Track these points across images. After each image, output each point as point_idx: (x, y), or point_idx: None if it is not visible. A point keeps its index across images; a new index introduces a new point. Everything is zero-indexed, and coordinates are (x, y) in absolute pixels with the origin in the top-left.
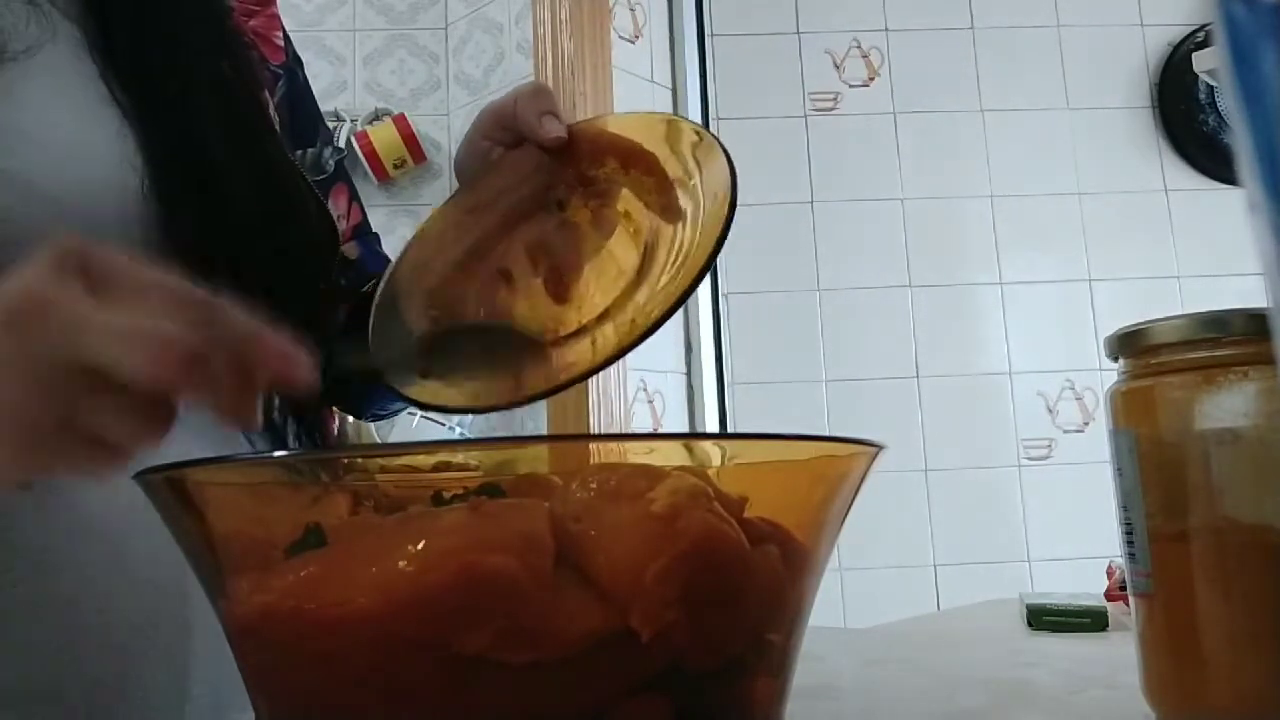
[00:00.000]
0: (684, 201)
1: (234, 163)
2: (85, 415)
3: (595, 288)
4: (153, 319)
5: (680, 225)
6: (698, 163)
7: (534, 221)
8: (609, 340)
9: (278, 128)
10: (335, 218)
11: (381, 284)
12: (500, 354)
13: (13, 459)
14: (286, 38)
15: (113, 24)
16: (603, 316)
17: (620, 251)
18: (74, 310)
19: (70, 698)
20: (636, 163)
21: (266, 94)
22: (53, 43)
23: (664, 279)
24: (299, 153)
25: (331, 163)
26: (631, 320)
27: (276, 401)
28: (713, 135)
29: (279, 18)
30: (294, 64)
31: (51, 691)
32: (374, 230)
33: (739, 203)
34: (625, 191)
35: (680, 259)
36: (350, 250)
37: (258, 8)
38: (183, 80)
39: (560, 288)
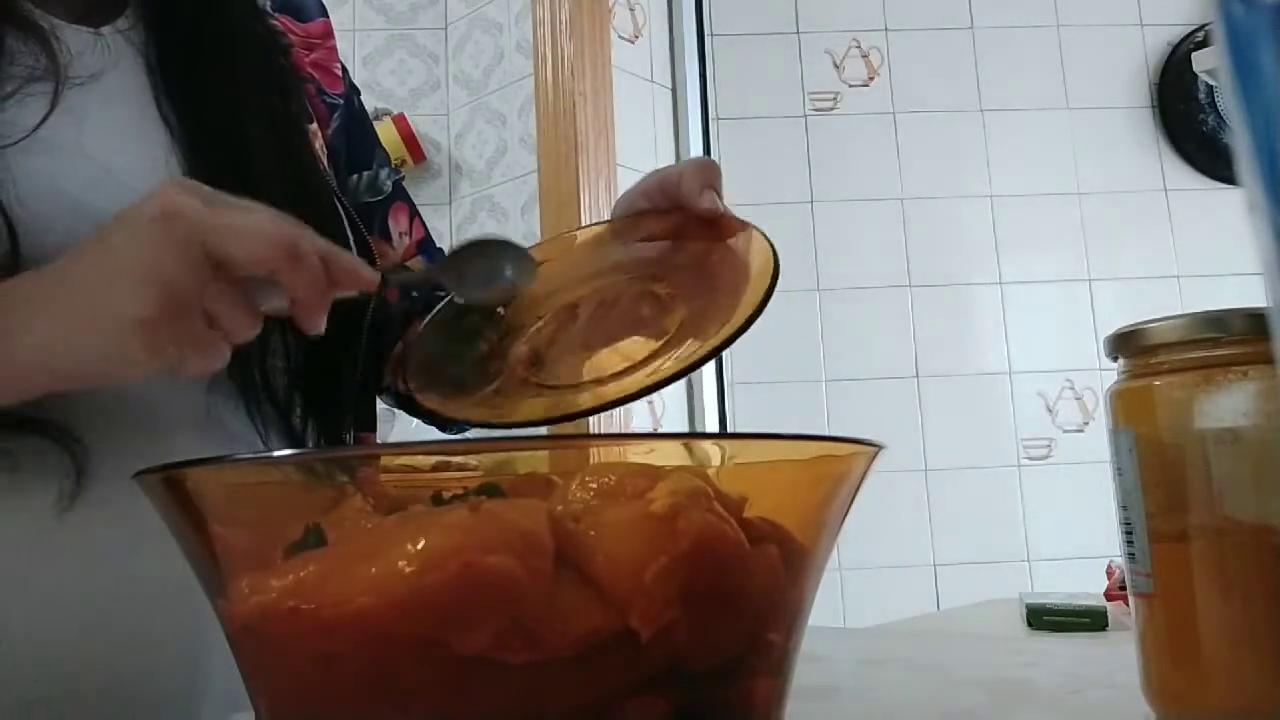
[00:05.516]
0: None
1: (274, 191)
2: (209, 300)
3: (618, 354)
4: (258, 222)
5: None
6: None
7: (627, 279)
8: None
9: (326, 159)
10: (397, 235)
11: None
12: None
13: (159, 323)
14: (344, 68)
15: (171, 52)
16: (610, 377)
17: (653, 333)
18: (198, 212)
19: (86, 699)
20: (727, 288)
21: (316, 127)
22: (114, 69)
23: (684, 350)
24: (355, 176)
25: (389, 183)
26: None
27: (299, 410)
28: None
29: (336, 50)
30: (350, 92)
31: (68, 693)
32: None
33: (738, 202)
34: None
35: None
36: (415, 265)
37: (318, 41)
38: (232, 108)
39: (591, 344)
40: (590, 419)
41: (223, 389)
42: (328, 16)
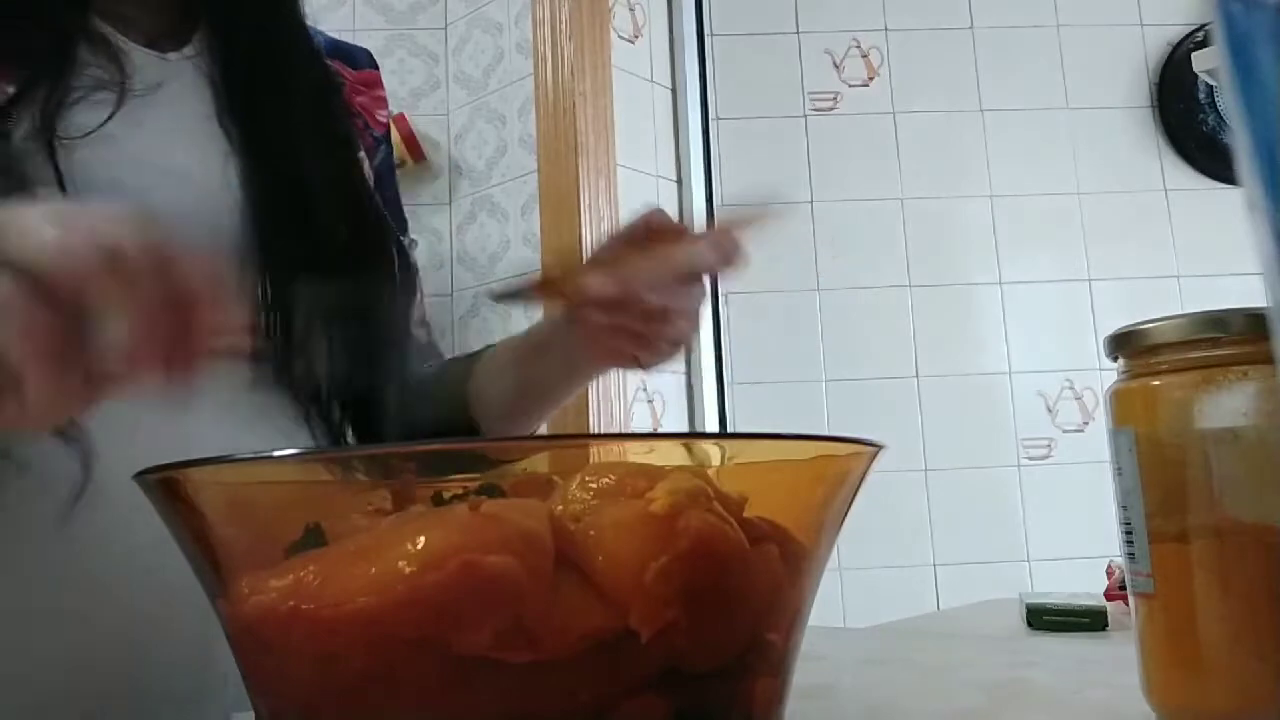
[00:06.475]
0: None
1: (329, 207)
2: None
3: None
4: (82, 226)
5: None
6: None
7: None
8: None
9: (373, 184)
10: (418, 302)
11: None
12: None
13: None
14: (388, 129)
15: (234, 75)
16: None
17: None
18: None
19: (104, 694)
20: None
21: (365, 156)
22: (177, 82)
23: None
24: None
25: (412, 255)
26: None
27: (338, 413)
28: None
29: (385, 100)
30: (389, 148)
31: (83, 688)
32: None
33: (738, 203)
34: None
35: None
36: (421, 336)
37: (365, 88)
38: (289, 126)
39: None
40: (590, 419)
41: (268, 390)
42: (378, 70)
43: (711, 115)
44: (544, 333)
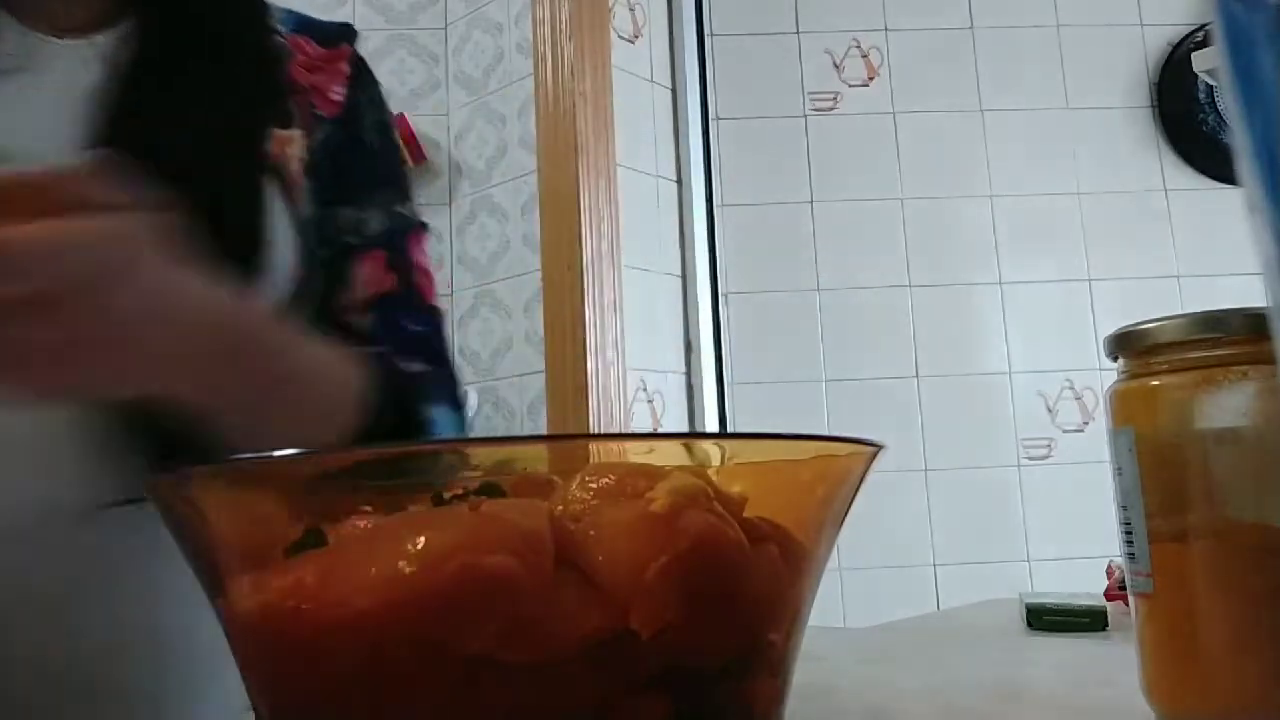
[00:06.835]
0: None
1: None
2: None
3: None
4: None
5: None
6: None
7: None
8: None
9: (303, 169)
10: (360, 286)
11: None
12: None
13: None
14: (354, 101)
15: (146, 49)
16: None
17: None
18: None
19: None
20: None
21: (297, 134)
22: (56, 63)
23: None
24: (334, 208)
25: (377, 228)
26: None
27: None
28: None
29: (344, 75)
30: (351, 121)
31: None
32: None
33: (738, 203)
34: None
35: None
36: (362, 322)
37: (322, 64)
38: (174, 102)
39: None
40: (590, 419)
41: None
42: (351, 46)
43: (711, 115)
44: None
